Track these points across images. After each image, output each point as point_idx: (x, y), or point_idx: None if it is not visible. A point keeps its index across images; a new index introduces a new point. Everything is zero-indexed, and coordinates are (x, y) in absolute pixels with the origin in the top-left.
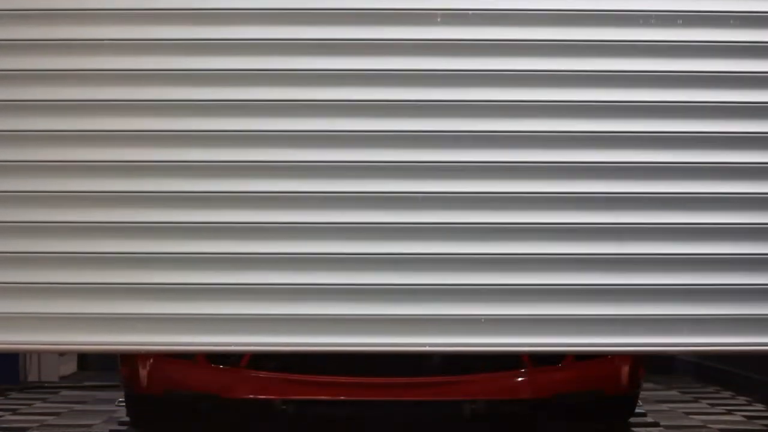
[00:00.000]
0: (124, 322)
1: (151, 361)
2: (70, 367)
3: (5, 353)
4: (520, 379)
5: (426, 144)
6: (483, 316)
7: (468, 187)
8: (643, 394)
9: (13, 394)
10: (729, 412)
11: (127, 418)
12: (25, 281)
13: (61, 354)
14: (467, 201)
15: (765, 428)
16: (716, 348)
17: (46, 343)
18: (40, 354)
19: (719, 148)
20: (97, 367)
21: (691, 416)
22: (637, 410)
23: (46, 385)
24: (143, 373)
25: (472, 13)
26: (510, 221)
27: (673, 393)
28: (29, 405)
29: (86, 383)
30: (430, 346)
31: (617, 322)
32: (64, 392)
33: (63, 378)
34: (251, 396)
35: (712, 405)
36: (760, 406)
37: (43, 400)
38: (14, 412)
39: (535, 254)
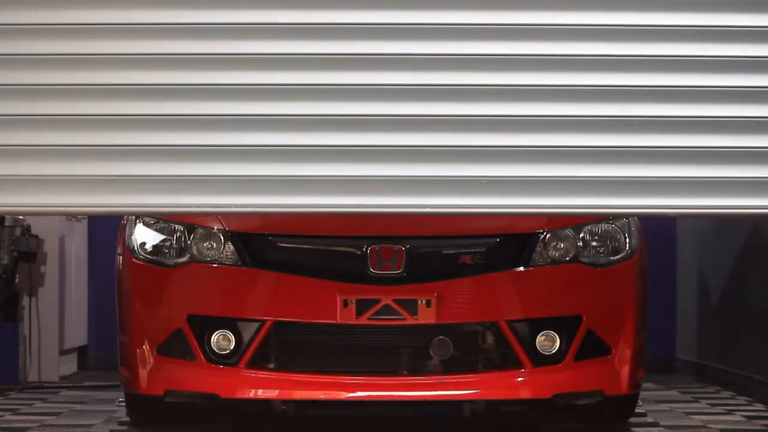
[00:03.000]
0: (124, 183)
1: (152, 361)
2: (70, 367)
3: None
4: (520, 379)
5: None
6: (484, 177)
7: (470, 49)
8: (643, 394)
9: (13, 394)
10: (729, 412)
11: (127, 418)
12: (23, 143)
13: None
14: (471, 62)
15: (765, 428)
16: (716, 210)
17: (44, 205)
18: (40, 352)
19: (718, 11)
20: (97, 367)
21: (691, 416)
22: (637, 410)
23: (46, 385)
24: (143, 373)
25: None
26: (512, 83)
27: (673, 393)
28: (29, 405)
29: (86, 383)
30: (430, 207)
31: (617, 184)
32: (64, 392)
33: (63, 378)
34: (251, 396)
35: (712, 405)
36: (760, 406)
37: (43, 400)
38: (14, 412)
39: (536, 115)
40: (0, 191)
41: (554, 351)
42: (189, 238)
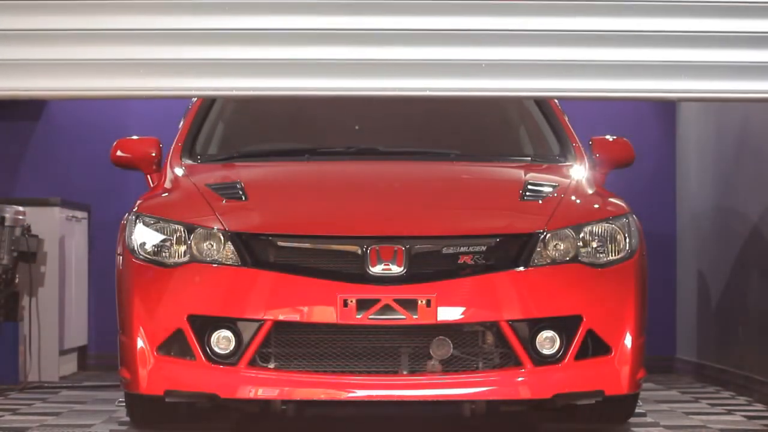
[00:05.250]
0: (127, 66)
1: (152, 361)
2: (70, 367)
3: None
4: (520, 379)
5: None
6: (483, 61)
7: None
8: (643, 394)
9: (13, 394)
10: (729, 412)
11: (127, 418)
12: (26, 27)
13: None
14: None
15: (765, 428)
16: (715, 94)
17: (47, 89)
18: (40, 352)
19: None
20: (97, 367)
21: (691, 416)
22: (637, 410)
23: (46, 385)
24: (143, 373)
25: None
26: None
27: (673, 393)
28: (29, 405)
29: (86, 383)
30: (430, 90)
31: (616, 67)
32: (64, 392)
33: (63, 378)
34: (251, 396)
35: (712, 405)
36: (760, 406)
37: (43, 400)
38: (14, 412)
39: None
40: (2, 75)
41: (554, 351)
42: (189, 238)
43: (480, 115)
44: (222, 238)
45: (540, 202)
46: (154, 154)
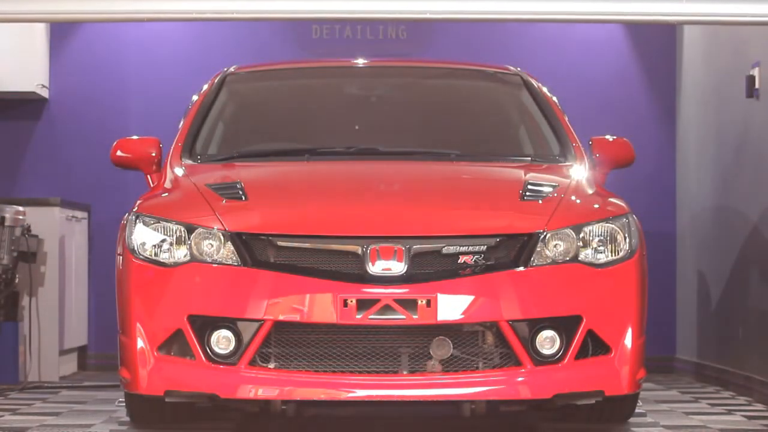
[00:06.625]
0: None
1: (152, 361)
2: (70, 367)
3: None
4: (520, 379)
5: None
6: None
7: None
8: (643, 394)
9: (13, 394)
10: (729, 412)
11: (127, 418)
12: None
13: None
14: None
15: (765, 428)
16: (716, 18)
17: (47, 12)
18: (40, 352)
19: None
20: (97, 367)
21: (691, 416)
22: (637, 410)
23: (46, 385)
24: (143, 373)
25: None
26: None
27: (673, 393)
28: (29, 405)
29: (86, 383)
30: (431, 13)
31: None
32: (64, 392)
33: (63, 378)
34: (251, 396)
35: (712, 405)
36: (760, 406)
37: (43, 400)
38: (14, 412)
39: None
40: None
41: (554, 351)
42: (189, 238)
43: (480, 115)
44: (222, 238)
45: (540, 202)
46: (154, 154)
